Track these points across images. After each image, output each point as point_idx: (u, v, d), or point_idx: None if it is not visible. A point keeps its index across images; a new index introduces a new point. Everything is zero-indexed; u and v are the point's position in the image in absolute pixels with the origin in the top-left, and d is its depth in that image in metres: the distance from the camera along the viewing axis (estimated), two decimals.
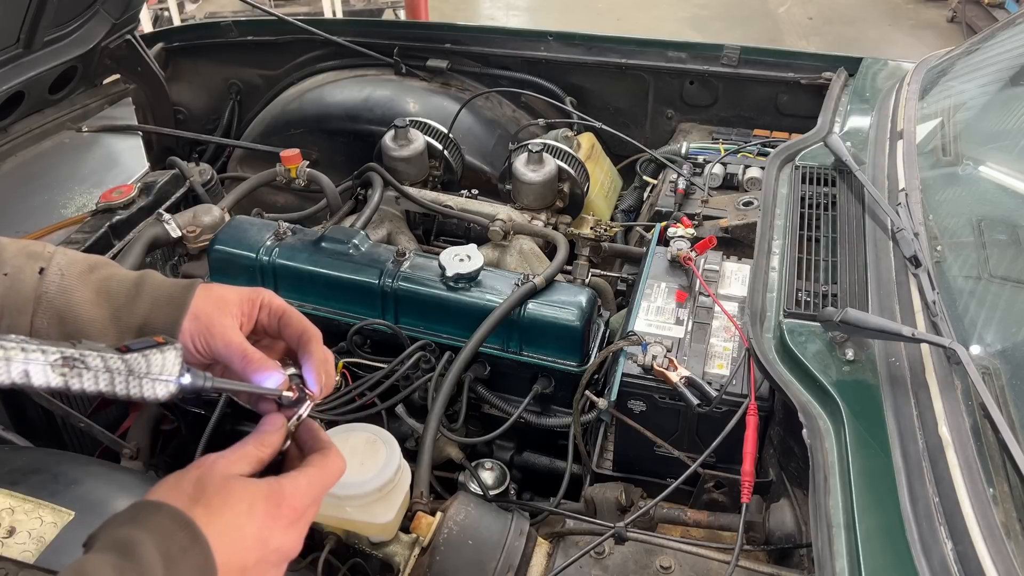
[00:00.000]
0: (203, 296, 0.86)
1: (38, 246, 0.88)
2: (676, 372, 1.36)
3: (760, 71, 2.45)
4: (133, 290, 0.87)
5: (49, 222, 2.15)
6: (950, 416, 1.00)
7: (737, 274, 1.61)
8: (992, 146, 1.63)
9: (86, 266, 0.88)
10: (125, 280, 0.88)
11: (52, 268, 0.86)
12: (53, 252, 0.88)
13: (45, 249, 0.88)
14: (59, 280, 0.85)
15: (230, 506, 0.68)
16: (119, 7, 2.18)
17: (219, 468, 0.71)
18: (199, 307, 0.85)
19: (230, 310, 0.86)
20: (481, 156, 2.41)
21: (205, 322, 0.84)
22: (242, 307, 0.87)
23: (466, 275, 1.61)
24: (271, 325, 0.90)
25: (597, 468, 1.47)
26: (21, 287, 0.84)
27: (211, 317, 0.84)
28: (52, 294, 0.84)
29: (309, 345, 0.87)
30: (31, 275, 0.85)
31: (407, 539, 1.13)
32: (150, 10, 5.93)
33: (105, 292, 0.86)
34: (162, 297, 0.86)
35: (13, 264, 0.85)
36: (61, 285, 0.85)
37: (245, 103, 2.86)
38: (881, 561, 0.90)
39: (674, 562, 1.11)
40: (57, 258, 0.87)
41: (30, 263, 0.85)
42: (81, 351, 0.68)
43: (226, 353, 0.84)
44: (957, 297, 1.22)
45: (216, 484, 0.69)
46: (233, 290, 0.89)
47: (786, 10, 7.59)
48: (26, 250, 0.87)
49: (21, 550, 0.97)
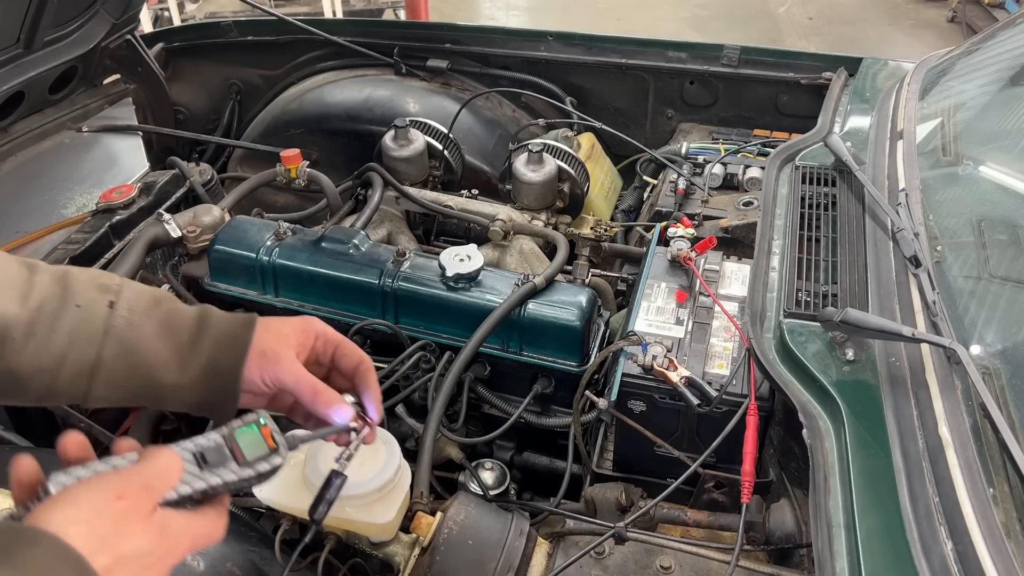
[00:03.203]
0: (263, 332, 0.90)
1: (106, 278, 0.91)
2: (676, 372, 1.36)
3: (760, 71, 2.44)
4: (196, 328, 0.90)
5: (49, 222, 2.15)
6: (950, 416, 1.00)
7: (737, 274, 1.61)
8: (992, 146, 1.63)
9: (151, 301, 0.91)
10: (187, 316, 0.91)
11: (121, 302, 0.89)
12: (121, 285, 0.91)
13: (113, 281, 0.91)
14: (127, 315, 0.88)
15: None
16: (119, 7, 2.18)
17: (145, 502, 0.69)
18: (262, 343, 0.89)
19: (289, 343, 0.91)
20: (481, 156, 2.41)
21: (272, 358, 0.89)
22: (298, 338, 0.92)
23: (466, 275, 1.61)
24: (325, 354, 0.95)
25: (597, 468, 1.47)
26: (92, 320, 0.87)
27: (277, 353, 0.89)
28: (120, 328, 0.87)
29: (368, 376, 0.94)
30: (102, 308, 0.88)
31: (407, 539, 1.13)
32: (150, 10, 5.93)
33: (168, 327, 0.89)
34: (224, 336, 0.89)
35: (84, 296, 0.88)
36: (129, 320, 0.88)
37: (245, 103, 2.86)
38: (881, 561, 0.90)
39: (674, 562, 1.11)
40: (125, 291, 0.90)
41: (101, 296, 0.88)
42: (215, 475, 0.74)
43: (295, 387, 0.89)
44: (957, 297, 1.22)
45: None
46: (287, 323, 0.93)
47: (786, 10, 7.59)
48: (96, 282, 0.90)
49: None
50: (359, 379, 0.94)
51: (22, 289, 0.85)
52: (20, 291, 0.85)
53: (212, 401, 0.89)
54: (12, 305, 0.84)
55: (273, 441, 0.77)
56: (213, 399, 0.89)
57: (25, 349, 0.84)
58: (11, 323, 0.83)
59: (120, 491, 0.63)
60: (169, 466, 0.70)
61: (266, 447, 0.76)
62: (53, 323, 0.85)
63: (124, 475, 0.66)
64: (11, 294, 0.84)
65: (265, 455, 0.76)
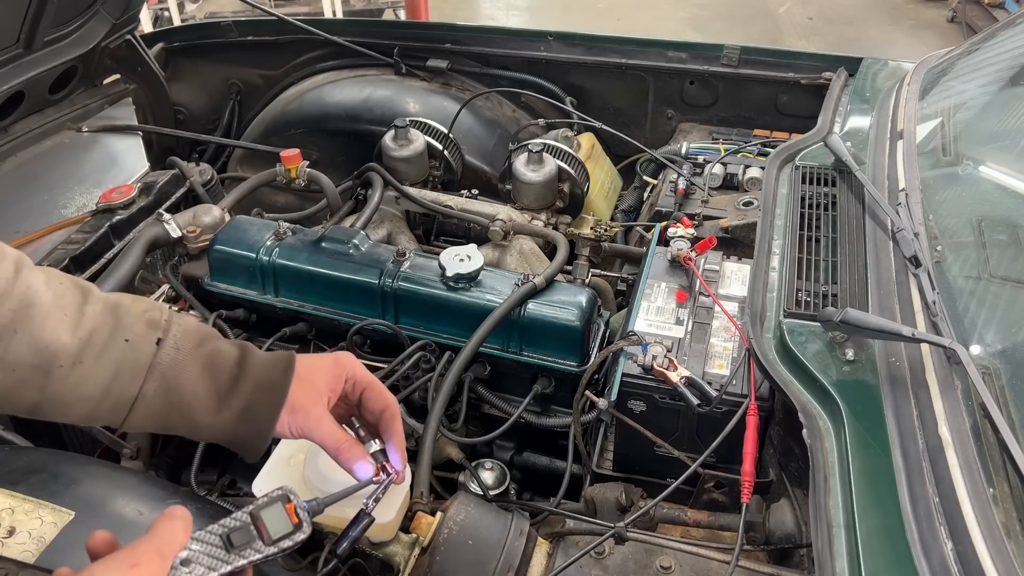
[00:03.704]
0: (298, 388, 0.92)
1: (156, 312, 0.92)
2: (676, 372, 1.36)
3: (760, 71, 2.44)
4: (236, 370, 0.92)
5: (49, 222, 2.15)
6: (950, 416, 1.00)
7: (737, 274, 1.61)
8: (992, 146, 1.63)
9: (198, 339, 0.93)
10: (229, 357, 0.93)
11: (168, 340, 0.91)
12: (170, 322, 0.92)
13: (163, 317, 0.92)
14: (173, 353, 0.90)
15: None
16: (119, 7, 2.18)
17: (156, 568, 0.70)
18: (295, 400, 0.91)
19: (320, 395, 0.93)
20: (481, 156, 2.41)
21: (300, 415, 0.91)
22: (329, 384, 0.94)
23: (466, 275, 1.61)
24: (352, 395, 0.97)
25: (597, 468, 1.47)
26: (139, 356, 0.88)
27: (306, 409, 0.92)
28: (165, 365, 0.89)
29: (393, 423, 0.96)
30: (149, 344, 0.89)
31: (407, 539, 1.13)
32: (150, 10, 5.93)
33: (210, 368, 0.91)
34: (263, 383, 0.92)
35: (134, 332, 0.89)
36: (175, 359, 0.90)
37: (245, 103, 2.86)
38: (881, 561, 0.90)
39: (674, 562, 1.11)
40: (173, 329, 0.92)
41: (150, 333, 0.90)
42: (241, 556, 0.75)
43: (321, 442, 0.92)
44: (957, 297, 1.22)
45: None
46: (320, 369, 0.95)
47: (786, 10, 7.59)
48: (146, 316, 0.91)
49: (21, 550, 0.97)
50: (384, 425, 0.96)
51: (74, 317, 0.87)
52: (72, 319, 0.87)
53: (244, 441, 0.92)
54: (64, 334, 0.85)
55: (297, 517, 0.79)
56: (245, 439, 0.92)
57: (70, 377, 0.86)
58: (60, 351, 0.85)
59: (134, 560, 0.66)
60: (173, 530, 0.71)
61: (290, 524, 0.78)
62: (101, 354, 0.87)
63: (135, 546, 0.68)
64: (64, 321, 0.86)
65: (289, 532, 0.78)
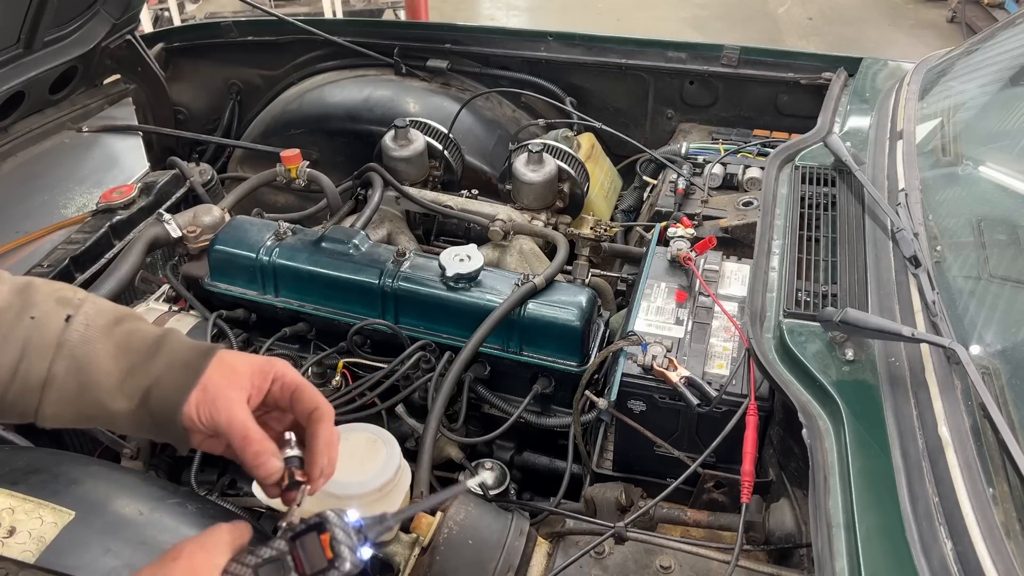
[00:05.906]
0: (216, 366, 0.84)
1: (69, 292, 0.88)
2: (676, 372, 1.36)
3: (760, 71, 2.45)
4: (152, 348, 0.85)
5: (49, 222, 2.15)
6: (950, 416, 1.00)
7: (737, 274, 1.61)
8: (992, 146, 1.63)
9: (112, 318, 0.87)
10: (147, 337, 0.87)
11: (79, 317, 0.85)
12: (83, 300, 0.87)
13: (76, 296, 0.88)
14: (83, 330, 0.85)
15: None
16: (119, 7, 2.18)
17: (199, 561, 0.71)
18: (209, 378, 0.83)
19: (240, 382, 0.84)
20: (481, 156, 2.41)
21: (212, 394, 0.82)
22: (253, 379, 0.86)
23: (466, 275, 1.61)
24: (283, 398, 0.88)
25: (597, 468, 1.47)
26: (45, 332, 0.84)
27: (218, 390, 0.83)
28: (74, 343, 0.84)
29: (317, 425, 0.86)
30: (57, 321, 0.84)
31: (407, 539, 1.13)
32: (150, 10, 5.93)
33: (125, 347, 0.85)
34: (178, 361, 0.84)
35: (42, 308, 0.85)
36: (84, 335, 0.84)
37: (245, 103, 2.86)
38: (881, 561, 0.90)
39: (674, 562, 1.11)
40: (86, 307, 0.87)
41: (59, 309, 0.85)
42: None
43: (227, 430, 0.82)
44: (957, 297, 1.22)
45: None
46: (246, 360, 0.87)
47: (786, 10, 7.59)
48: (57, 295, 0.87)
49: (21, 550, 0.97)
50: (310, 427, 0.86)
51: None
52: None
53: (160, 424, 0.84)
54: None
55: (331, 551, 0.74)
56: (159, 429, 0.84)
57: None
58: None
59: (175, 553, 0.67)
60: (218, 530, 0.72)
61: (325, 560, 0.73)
62: (7, 334, 0.82)
63: None
64: None
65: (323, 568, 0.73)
